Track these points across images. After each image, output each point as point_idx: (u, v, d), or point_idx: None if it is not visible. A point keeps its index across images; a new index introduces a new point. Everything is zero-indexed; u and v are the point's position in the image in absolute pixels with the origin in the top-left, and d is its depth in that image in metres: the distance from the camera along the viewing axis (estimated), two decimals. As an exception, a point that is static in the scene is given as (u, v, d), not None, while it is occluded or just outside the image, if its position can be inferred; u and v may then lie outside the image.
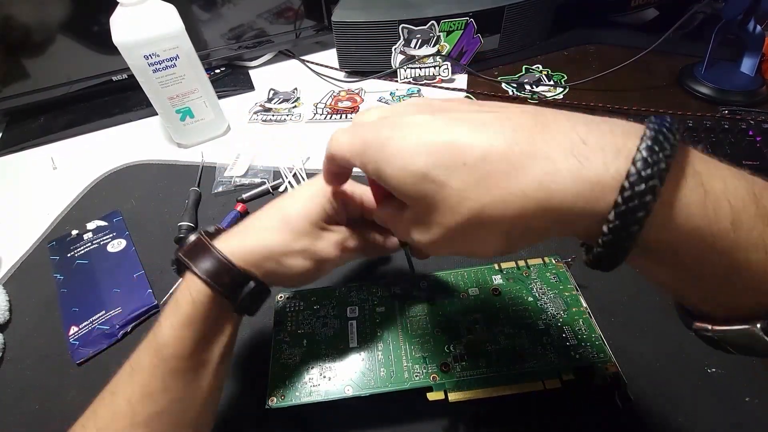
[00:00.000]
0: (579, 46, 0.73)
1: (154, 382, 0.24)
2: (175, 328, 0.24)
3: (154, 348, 0.24)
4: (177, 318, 0.24)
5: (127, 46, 0.48)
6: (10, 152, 0.62)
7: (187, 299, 0.24)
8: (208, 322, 0.25)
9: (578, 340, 0.31)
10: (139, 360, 0.24)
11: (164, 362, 0.24)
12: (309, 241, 0.27)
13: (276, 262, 0.26)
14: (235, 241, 0.26)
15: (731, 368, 0.33)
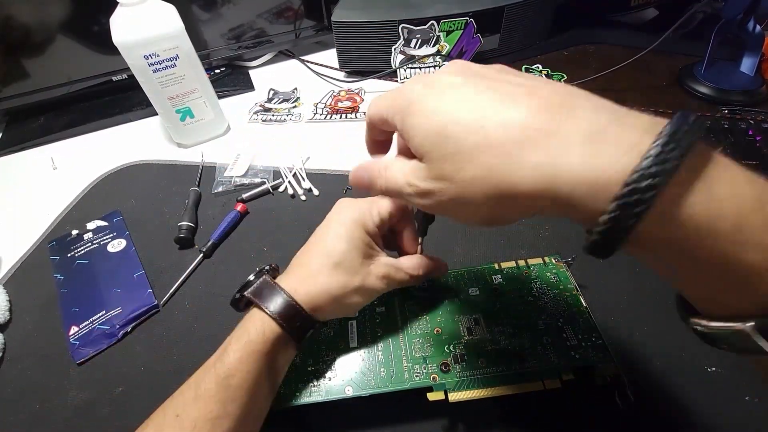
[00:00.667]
0: (579, 45, 0.73)
1: (217, 408, 0.25)
2: (244, 361, 0.26)
3: (221, 376, 0.26)
4: (247, 351, 0.26)
5: (127, 46, 0.48)
6: (10, 152, 0.62)
7: (259, 334, 0.27)
8: (274, 356, 0.27)
9: (578, 340, 0.31)
10: (205, 386, 0.26)
11: (230, 390, 0.25)
12: (362, 278, 0.29)
13: (338, 304, 0.29)
14: (301, 288, 0.28)
15: (731, 368, 0.33)
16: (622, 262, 0.41)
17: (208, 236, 0.46)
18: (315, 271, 0.29)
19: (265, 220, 0.48)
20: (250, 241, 0.46)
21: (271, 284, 0.29)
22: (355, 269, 0.29)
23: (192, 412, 0.25)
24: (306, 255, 0.30)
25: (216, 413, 0.25)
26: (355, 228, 0.29)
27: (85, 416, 0.34)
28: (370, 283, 0.29)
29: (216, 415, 0.25)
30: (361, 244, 0.29)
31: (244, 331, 0.27)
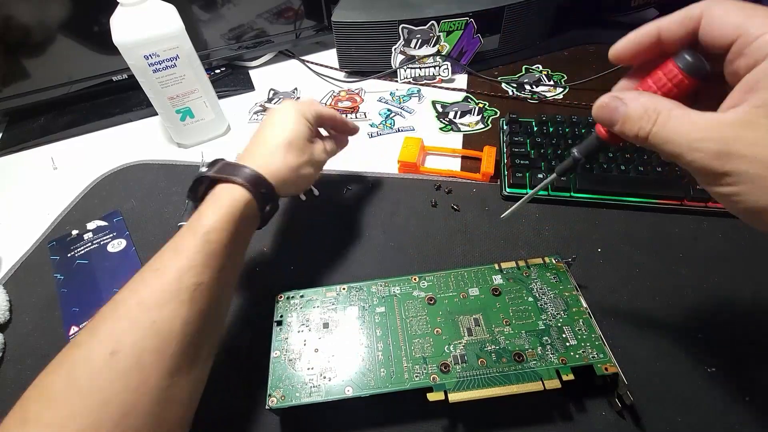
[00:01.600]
0: (579, 46, 0.73)
1: (198, 257, 0.27)
2: (219, 219, 0.28)
3: (199, 232, 0.28)
4: (220, 212, 0.29)
5: (127, 46, 0.48)
6: (11, 152, 0.62)
7: (229, 199, 0.30)
8: (244, 223, 0.30)
9: (578, 340, 0.31)
10: (183, 242, 0.28)
11: (208, 244, 0.27)
12: (309, 152, 0.37)
13: (295, 174, 0.35)
14: (262, 164, 0.33)
15: (731, 368, 0.33)
16: (622, 263, 0.41)
17: (208, 236, 0.46)
18: (272, 150, 0.34)
19: (265, 220, 0.48)
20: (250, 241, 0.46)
21: (233, 163, 0.32)
22: (303, 146, 0.36)
23: (173, 263, 0.26)
24: (260, 144, 0.35)
25: (197, 262, 0.27)
26: (298, 116, 0.36)
27: (85, 416, 0.34)
28: (317, 155, 0.38)
29: (197, 264, 0.27)
30: (304, 129, 0.36)
31: (214, 200, 0.30)
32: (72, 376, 0.23)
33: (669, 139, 0.20)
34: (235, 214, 0.29)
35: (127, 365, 0.23)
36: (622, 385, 0.29)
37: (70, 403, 0.22)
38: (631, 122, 0.21)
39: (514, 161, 0.49)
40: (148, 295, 0.25)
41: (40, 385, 0.23)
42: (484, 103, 0.63)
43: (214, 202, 0.30)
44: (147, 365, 0.23)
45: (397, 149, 0.53)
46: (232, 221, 0.29)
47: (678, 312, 0.37)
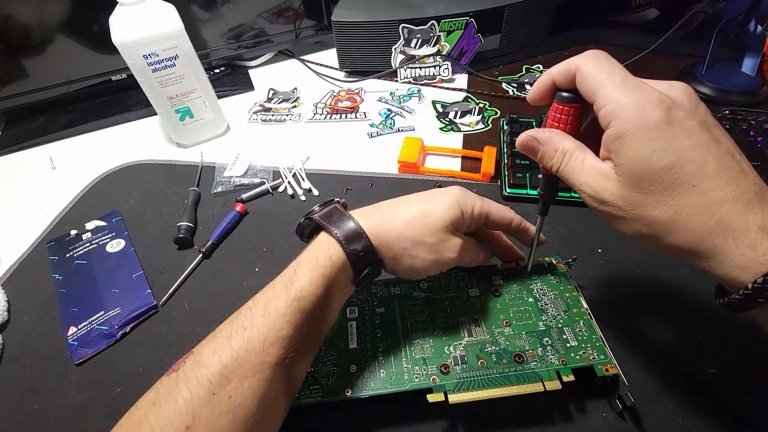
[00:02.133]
0: (579, 45, 0.73)
1: (286, 327, 0.25)
2: (314, 284, 0.26)
3: (292, 296, 0.26)
4: (316, 274, 0.27)
5: (127, 45, 0.48)
6: (9, 152, 0.62)
7: (327, 260, 0.27)
8: (338, 285, 0.28)
9: (579, 341, 0.31)
10: (275, 305, 0.26)
11: (299, 312, 0.26)
12: (438, 240, 0.29)
13: (404, 249, 0.29)
14: (373, 219, 0.29)
15: (731, 369, 0.33)
16: (622, 264, 0.41)
17: (207, 236, 0.46)
18: (399, 215, 0.29)
19: (265, 221, 0.48)
20: (250, 242, 0.46)
21: (340, 211, 0.29)
22: (438, 229, 0.29)
23: (261, 327, 0.25)
24: (399, 201, 0.31)
25: (285, 332, 0.25)
26: (454, 203, 0.30)
27: (84, 417, 0.34)
28: (443, 248, 0.30)
29: (285, 335, 0.25)
30: (451, 218, 0.30)
31: (313, 255, 0.28)
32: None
33: (568, 177, 0.25)
34: (329, 276, 0.27)
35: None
36: (623, 386, 0.29)
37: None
38: (546, 159, 0.26)
39: (515, 161, 0.49)
40: (231, 363, 0.24)
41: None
42: (484, 103, 0.63)
43: (310, 260, 0.27)
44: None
45: (397, 149, 0.53)
46: (325, 284, 0.27)
47: (679, 313, 0.37)
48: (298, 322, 0.26)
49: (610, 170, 0.23)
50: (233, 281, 0.42)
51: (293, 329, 0.25)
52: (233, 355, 0.24)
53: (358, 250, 0.28)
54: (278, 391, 0.25)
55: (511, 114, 0.55)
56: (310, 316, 0.26)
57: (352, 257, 0.28)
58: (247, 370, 0.24)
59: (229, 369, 0.24)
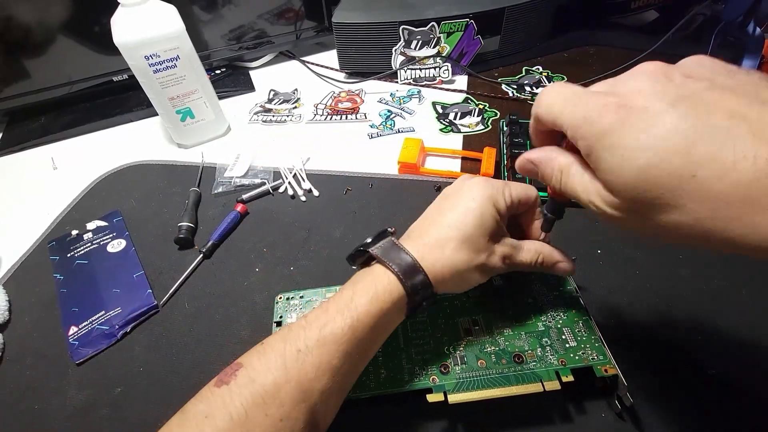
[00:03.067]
0: (579, 47, 0.73)
1: (338, 357, 0.25)
2: (371, 315, 0.26)
3: (349, 323, 0.26)
4: (374, 305, 0.27)
5: (128, 46, 0.48)
6: (11, 152, 0.62)
7: (386, 293, 0.27)
8: (391, 319, 0.28)
9: (578, 341, 0.31)
10: (332, 328, 0.26)
11: (353, 341, 0.26)
12: (486, 257, 0.29)
13: (459, 278, 0.29)
14: (428, 257, 0.28)
15: (731, 370, 0.33)
16: (621, 264, 0.41)
17: (207, 237, 0.46)
18: (442, 243, 0.28)
19: (265, 221, 0.48)
20: (250, 242, 0.46)
21: (399, 247, 0.29)
22: (481, 246, 0.28)
23: (316, 352, 0.25)
24: (433, 225, 0.30)
25: (337, 362, 0.25)
26: (487, 205, 0.29)
27: (84, 416, 0.34)
28: (492, 263, 0.29)
29: (337, 364, 0.25)
30: (491, 222, 0.29)
31: (372, 287, 0.27)
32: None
33: (572, 195, 0.23)
34: (386, 309, 0.27)
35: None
36: (622, 386, 0.29)
37: None
38: (546, 179, 0.25)
39: (515, 162, 0.49)
40: (284, 383, 0.24)
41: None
42: (484, 104, 0.63)
43: (369, 290, 0.27)
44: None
45: (397, 150, 0.53)
46: (382, 315, 0.27)
47: (678, 314, 0.37)
48: (351, 350, 0.26)
49: None
50: (234, 281, 0.42)
51: (344, 359, 0.25)
52: (287, 376, 0.24)
53: (416, 285, 0.27)
54: (320, 418, 0.25)
55: (510, 115, 0.55)
56: (361, 345, 0.26)
57: (410, 291, 0.27)
58: (299, 395, 0.24)
59: (283, 391, 0.24)
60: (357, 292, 0.27)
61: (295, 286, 0.41)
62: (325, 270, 0.43)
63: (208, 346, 0.37)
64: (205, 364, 0.36)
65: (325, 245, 0.45)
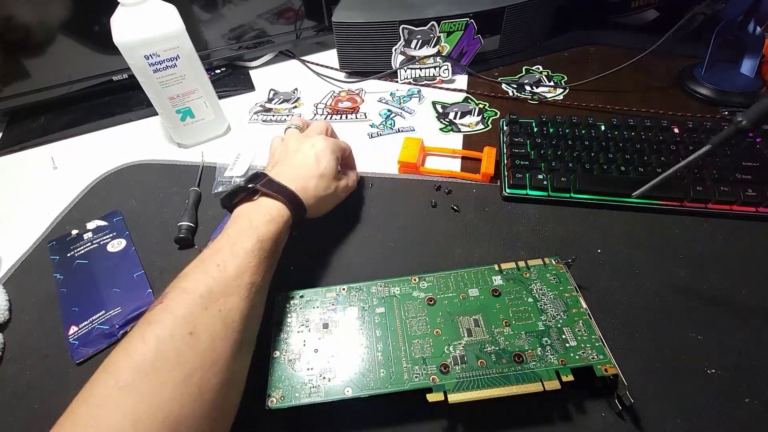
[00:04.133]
0: (579, 47, 0.73)
1: (253, 261, 0.31)
2: (270, 232, 0.34)
3: (256, 239, 0.32)
4: (272, 227, 0.34)
5: (128, 46, 0.48)
6: (11, 152, 0.62)
7: (278, 217, 0.35)
8: (284, 233, 0.36)
9: (578, 341, 0.31)
10: (242, 245, 0.32)
11: (262, 251, 0.32)
12: (335, 186, 0.42)
13: (321, 200, 0.40)
14: (296, 186, 0.38)
15: (731, 369, 0.33)
16: (621, 264, 0.41)
17: (208, 236, 0.46)
18: (307, 179, 0.39)
19: (265, 221, 0.48)
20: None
21: (277, 182, 0.37)
22: (333, 177, 0.41)
23: (233, 262, 0.30)
24: (294, 165, 0.40)
25: (254, 263, 0.31)
26: (331, 154, 0.41)
27: (85, 416, 0.34)
28: (340, 188, 0.43)
29: (255, 264, 0.31)
30: (335, 164, 0.41)
31: (267, 212, 0.35)
32: (160, 349, 0.25)
33: None
34: (280, 229, 0.35)
35: (203, 346, 0.26)
36: (622, 386, 0.29)
37: (160, 373, 0.25)
38: None
39: (514, 162, 0.49)
40: (215, 286, 0.29)
41: (130, 351, 0.26)
42: (484, 103, 0.63)
43: (266, 214, 0.35)
44: (218, 347, 0.27)
45: (397, 150, 0.53)
46: (277, 235, 0.34)
47: (678, 313, 0.37)
48: (262, 257, 0.32)
49: None
50: (234, 281, 0.42)
51: (258, 262, 0.32)
52: (214, 281, 0.29)
53: (299, 209, 0.37)
54: (252, 311, 0.31)
55: (510, 115, 0.55)
56: (269, 255, 0.33)
57: (296, 217, 0.37)
58: (229, 290, 0.29)
59: (214, 290, 0.29)
60: (254, 219, 0.34)
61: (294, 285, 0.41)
62: (325, 269, 0.43)
63: (208, 346, 0.37)
64: (205, 363, 0.36)
65: (325, 245, 0.45)
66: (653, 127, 0.51)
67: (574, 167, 0.47)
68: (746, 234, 0.42)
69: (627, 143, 0.49)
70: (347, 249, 0.44)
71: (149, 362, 0.25)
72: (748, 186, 0.44)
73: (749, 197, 0.43)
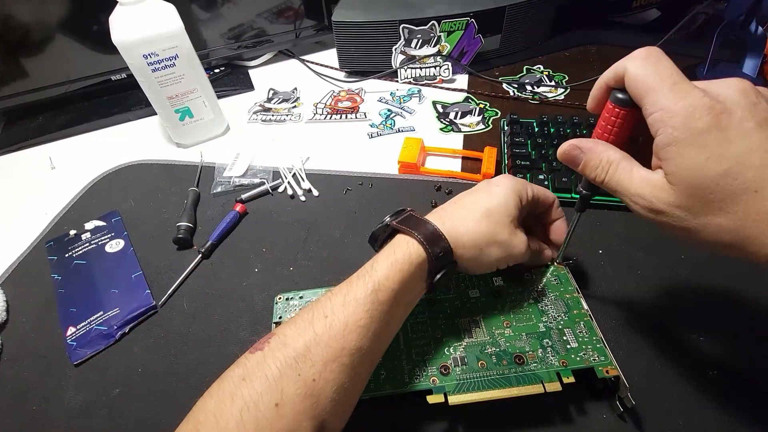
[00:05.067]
0: (580, 46, 0.73)
1: (365, 317, 0.26)
2: (390, 278, 0.27)
3: (369, 288, 0.27)
4: (393, 269, 0.28)
5: (127, 45, 0.48)
6: (8, 152, 0.62)
7: (405, 255, 0.28)
8: (413, 283, 0.29)
9: (579, 342, 0.31)
10: (353, 294, 0.27)
11: (376, 304, 0.27)
12: (507, 235, 0.31)
13: (479, 249, 0.30)
14: (448, 224, 0.30)
15: (732, 371, 0.33)
16: (623, 265, 0.40)
17: (206, 237, 0.45)
18: (465, 215, 0.31)
19: (265, 221, 0.48)
20: (249, 242, 0.46)
21: (418, 216, 0.31)
22: (503, 223, 0.30)
23: (341, 315, 0.26)
24: (460, 201, 0.32)
25: (364, 322, 0.26)
26: (511, 193, 0.31)
27: (82, 418, 0.33)
28: (514, 243, 0.31)
29: (364, 324, 0.26)
30: (513, 208, 0.31)
31: (391, 252, 0.29)
32: (243, 419, 0.23)
33: (616, 188, 0.24)
34: (406, 272, 0.28)
35: (286, 422, 0.23)
36: (624, 387, 0.29)
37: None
38: (590, 169, 0.26)
39: (515, 162, 0.49)
40: (314, 345, 0.25)
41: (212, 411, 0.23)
42: (484, 103, 0.63)
43: (388, 256, 0.29)
44: (300, 425, 0.24)
45: (397, 149, 0.53)
46: (402, 279, 0.28)
47: (679, 314, 0.37)
48: (375, 313, 0.27)
49: (662, 179, 0.22)
50: (233, 281, 0.42)
51: (370, 320, 0.26)
52: (316, 338, 0.25)
53: (438, 251, 0.29)
54: (353, 381, 0.26)
55: (511, 114, 0.55)
56: (385, 309, 0.27)
57: (432, 257, 0.28)
58: (329, 354, 0.25)
59: (313, 351, 0.25)
60: (377, 261, 0.28)
61: (294, 286, 0.41)
62: (325, 270, 0.42)
63: (207, 347, 0.37)
64: (204, 364, 0.36)
65: (325, 245, 0.45)
66: (654, 127, 0.51)
67: (575, 167, 0.47)
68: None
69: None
70: (347, 249, 0.44)
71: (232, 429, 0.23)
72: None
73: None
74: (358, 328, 0.26)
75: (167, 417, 0.24)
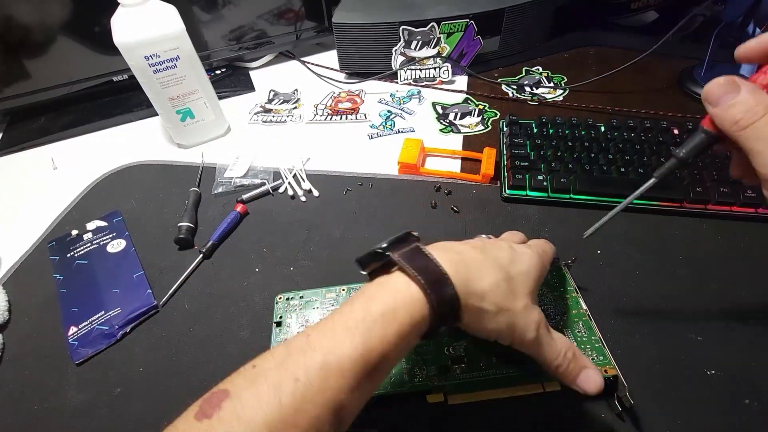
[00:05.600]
0: (579, 48, 0.73)
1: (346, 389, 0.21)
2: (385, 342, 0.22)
3: (359, 353, 0.22)
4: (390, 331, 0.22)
5: (128, 46, 0.48)
6: (11, 152, 0.62)
7: (407, 316, 0.23)
8: (407, 341, 0.24)
9: (578, 342, 0.31)
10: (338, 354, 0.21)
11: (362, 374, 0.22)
12: (520, 308, 0.26)
13: (484, 313, 0.25)
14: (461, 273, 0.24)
15: (731, 371, 0.33)
16: (621, 265, 0.41)
17: (207, 237, 0.46)
18: (480, 267, 0.25)
19: (265, 221, 0.48)
20: (250, 242, 0.46)
21: (426, 254, 0.25)
22: (521, 295, 0.26)
23: (316, 383, 0.21)
24: (470, 249, 0.27)
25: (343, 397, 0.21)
26: (538, 264, 0.28)
27: (84, 417, 0.34)
28: (523, 321, 0.26)
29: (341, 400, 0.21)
30: (536, 277, 0.28)
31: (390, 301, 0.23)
32: None
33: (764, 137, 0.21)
34: (403, 334, 0.23)
35: None
36: (622, 387, 0.29)
37: None
38: (736, 109, 0.22)
39: (514, 163, 0.49)
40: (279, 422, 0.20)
41: None
42: (484, 104, 0.63)
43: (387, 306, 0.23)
44: None
45: (397, 150, 0.53)
46: (396, 343, 0.23)
47: (678, 314, 0.37)
48: (360, 380, 0.22)
49: None
50: (233, 282, 0.42)
51: (349, 394, 0.21)
52: (282, 414, 0.20)
53: (446, 309, 0.24)
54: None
55: (510, 116, 0.55)
56: (372, 373, 0.22)
57: (437, 316, 0.23)
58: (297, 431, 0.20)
59: (275, 429, 0.19)
60: (371, 311, 0.23)
61: (294, 286, 0.41)
62: (325, 270, 0.43)
63: (207, 347, 0.37)
64: (204, 364, 0.36)
65: (325, 245, 0.45)
66: (653, 128, 0.51)
67: (574, 168, 0.47)
68: (746, 235, 0.42)
69: (627, 144, 0.49)
70: (347, 249, 0.44)
71: None
72: (747, 187, 0.44)
73: (749, 198, 0.43)
74: (335, 405, 0.21)
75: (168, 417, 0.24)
